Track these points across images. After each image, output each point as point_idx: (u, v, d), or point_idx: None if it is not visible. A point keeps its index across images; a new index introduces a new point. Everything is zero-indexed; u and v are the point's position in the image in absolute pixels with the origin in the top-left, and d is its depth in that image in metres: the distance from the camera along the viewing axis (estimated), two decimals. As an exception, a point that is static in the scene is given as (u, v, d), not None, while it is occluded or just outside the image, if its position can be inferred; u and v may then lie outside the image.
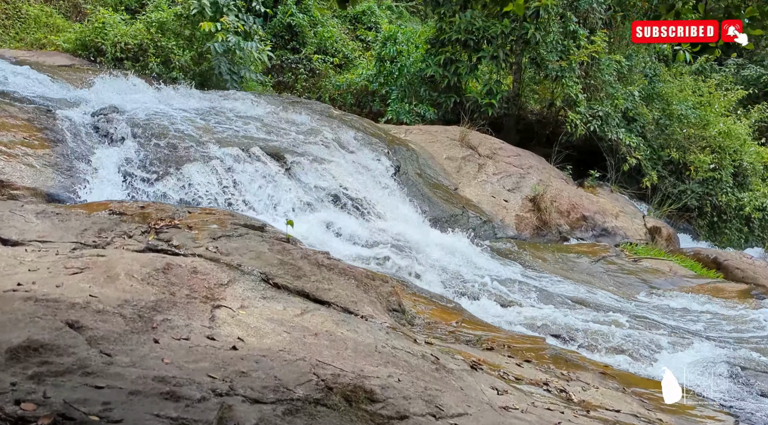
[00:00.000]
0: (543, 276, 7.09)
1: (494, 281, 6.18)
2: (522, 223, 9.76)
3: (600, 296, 6.70)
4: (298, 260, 4.09)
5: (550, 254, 8.31)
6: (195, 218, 4.59)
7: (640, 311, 6.19)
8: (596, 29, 13.98)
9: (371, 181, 7.87)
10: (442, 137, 10.93)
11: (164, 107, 7.90)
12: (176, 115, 7.57)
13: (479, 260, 6.96)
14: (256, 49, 12.10)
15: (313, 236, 6.18)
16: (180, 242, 3.93)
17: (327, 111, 9.83)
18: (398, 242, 6.68)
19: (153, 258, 3.32)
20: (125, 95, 7.89)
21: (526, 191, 10.44)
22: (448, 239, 7.47)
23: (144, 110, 7.19)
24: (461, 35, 14.00)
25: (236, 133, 7.49)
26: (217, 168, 6.48)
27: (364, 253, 6.06)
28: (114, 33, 11.17)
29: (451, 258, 6.84)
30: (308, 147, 7.72)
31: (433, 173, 9.67)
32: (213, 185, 6.31)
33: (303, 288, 3.79)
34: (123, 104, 7.29)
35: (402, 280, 5.38)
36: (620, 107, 13.57)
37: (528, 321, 5.15)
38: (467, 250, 7.13)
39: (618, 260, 8.70)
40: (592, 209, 10.93)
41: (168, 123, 7.06)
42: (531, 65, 14.06)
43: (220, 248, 3.94)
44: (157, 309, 2.90)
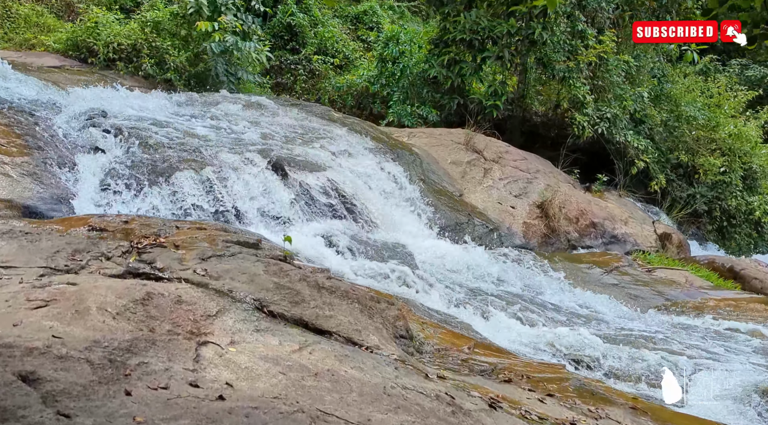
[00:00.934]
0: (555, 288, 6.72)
1: (504, 296, 5.80)
2: (530, 230, 9.38)
3: (616, 311, 6.32)
4: (296, 282, 3.71)
5: (560, 265, 7.92)
6: (183, 234, 4.20)
7: (662, 329, 5.82)
8: (604, 29, 13.60)
9: (373, 188, 7.49)
10: (446, 141, 10.56)
11: (155, 111, 7.52)
12: (168, 119, 7.19)
13: (487, 272, 6.57)
14: (254, 50, 11.71)
15: (312, 250, 5.80)
16: (165, 264, 3.55)
17: (327, 114, 9.45)
18: (402, 253, 6.30)
19: (131, 286, 2.94)
20: (114, 99, 7.51)
21: (533, 196, 10.06)
22: (455, 249, 7.09)
23: (133, 114, 6.81)
24: (466, 35, 13.61)
25: (231, 138, 7.11)
26: (210, 177, 6.10)
27: (366, 267, 5.67)
28: (107, 33, 10.78)
29: (458, 270, 6.46)
30: (307, 152, 7.34)
31: (438, 178, 9.29)
32: (205, 196, 5.92)
33: (301, 316, 3.41)
34: (111, 108, 6.91)
35: (408, 299, 5.00)
36: (628, 108, 13.19)
37: (545, 343, 4.78)
38: (475, 261, 6.75)
39: (631, 270, 8.33)
40: (601, 216, 10.55)
41: (158, 129, 6.68)
42: (537, 66, 13.68)
43: (210, 270, 3.56)
44: (132, 350, 2.52)
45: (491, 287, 6.13)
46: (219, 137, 7.02)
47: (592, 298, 6.52)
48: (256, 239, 4.59)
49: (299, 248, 5.69)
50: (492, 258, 7.03)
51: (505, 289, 6.12)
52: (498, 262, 6.96)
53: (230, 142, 6.96)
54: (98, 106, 6.91)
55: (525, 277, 6.73)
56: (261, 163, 6.61)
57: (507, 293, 5.98)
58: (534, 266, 7.43)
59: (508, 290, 6.10)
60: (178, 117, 7.44)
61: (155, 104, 7.83)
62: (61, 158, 5.70)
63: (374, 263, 5.90)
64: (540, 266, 7.41)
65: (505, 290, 6.03)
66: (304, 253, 5.69)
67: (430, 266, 6.28)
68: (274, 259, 4.20)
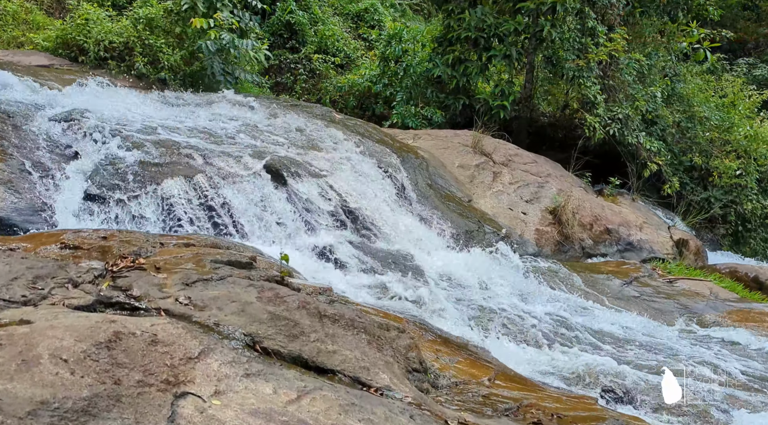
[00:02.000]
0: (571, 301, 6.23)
1: (522, 314, 5.33)
2: (542, 238, 8.90)
3: (642, 328, 5.84)
4: (294, 311, 3.23)
5: (577, 276, 7.44)
6: (166, 253, 3.72)
7: (694, 349, 5.34)
8: (614, 26, 13.11)
9: (378, 195, 7.01)
10: (453, 143, 10.07)
11: (146, 112, 7.04)
12: (158, 121, 6.71)
13: (502, 286, 6.09)
14: (252, 48, 11.23)
15: (313, 264, 5.33)
16: (142, 292, 3.07)
17: (328, 115, 8.97)
18: (410, 266, 5.82)
19: (96, 325, 2.45)
20: (101, 99, 7.03)
21: (545, 202, 9.58)
22: (466, 260, 6.61)
23: (121, 115, 6.33)
24: (471, 33, 13.13)
25: (226, 141, 6.63)
26: (202, 184, 5.62)
27: (371, 283, 5.19)
28: (97, 30, 10.29)
29: (470, 285, 5.98)
30: (307, 157, 6.86)
31: (445, 183, 8.81)
32: (196, 205, 5.44)
33: (300, 353, 2.94)
34: (97, 109, 6.44)
35: (418, 320, 4.52)
36: (641, 109, 12.70)
37: (571, 370, 4.31)
38: (488, 274, 6.27)
39: (651, 281, 7.84)
40: (615, 221, 10.06)
41: (148, 131, 6.20)
42: (546, 65, 13.19)
43: (194, 298, 3.08)
44: (89, 412, 2.04)
45: (507, 303, 5.65)
46: (213, 140, 6.55)
47: (618, 315, 6.03)
48: (249, 256, 4.11)
49: (298, 263, 5.22)
50: (507, 269, 6.55)
51: (522, 306, 5.64)
52: (513, 274, 6.48)
53: (225, 146, 6.48)
54: (83, 106, 6.44)
55: (543, 291, 6.25)
56: (258, 169, 6.13)
57: (525, 310, 5.50)
58: (552, 278, 6.95)
59: (525, 307, 5.62)
60: (169, 119, 6.96)
61: (146, 105, 7.35)
62: (40, 164, 5.23)
63: (380, 277, 5.41)
64: (558, 278, 6.92)
65: (522, 308, 5.55)
66: (303, 267, 5.22)
67: (440, 280, 5.80)
68: (269, 281, 3.72)
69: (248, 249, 4.79)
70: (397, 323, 4.07)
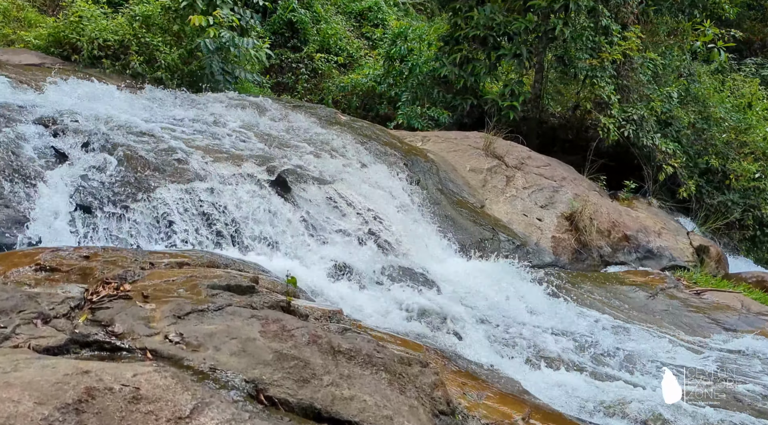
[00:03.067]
0: (601, 320, 5.77)
1: (550, 334, 4.88)
2: (559, 246, 8.44)
3: (678, 348, 5.38)
4: (304, 347, 2.77)
5: (599, 288, 6.98)
6: (157, 276, 3.26)
7: (742, 374, 4.88)
8: (628, 24, 12.66)
9: (387, 202, 6.55)
10: (463, 146, 9.62)
11: (140, 113, 6.59)
12: (153, 124, 6.26)
13: (522, 303, 5.63)
14: (252, 47, 10.78)
15: (320, 282, 4.87)
16: (125, 328, 2.61)
17: (333, 117, 8.51)
18: (425, 282, 5.36)
19: (64, 380, 2.00)
20: (90, 100, 6.58)
21: (561, 207, 9.12)
22: (483, 272, 6.15)
23: (111, 117, 5.88)
24: (479, 31, 12.68)
25: (226, 146, 6.17)
26: (199, 193, 5.16)
27: (385, 303, 4.74)
28: (92, 28, 9.85)
29: (492, 304, 5.52)
30: (312, 161, 6.41)
31: (456, 188, 8.35)
32: (193, 215, 4.99)
33: (312, 402, 2.48)
34: (85, 111, 5.98)
35: (440, 348, 4.06)
36: (657, 109, 12.24)
37: (612, 404, 3.85)
38: (507, 288, 5.81)
39: (678, 293, 7.38)
40: (634, 227, 9.61)
41: (141, 134, 5.74)
42: (558, 64, 12.73)
43: (187, 334, 2.62)
44: None
45: (530, 322, 5.19)
46: (211, 144, 6.09)
47: (649, 336, 5.57)
48: (250, 277, 3.65)
49: (305, 281, 4.76)
50: (527, 284, 6.09)
51: (549, 325, 5.19)
52: (533, 289, 6.01)
53: (225, 150, 6.03)
54: (70, 108, 5.98)
55: (570, 309, 5.78)
56: (260, 175, 5.67)
57: (553, 331, 5.05)
58: (575, 292, 6.49)
59: (553, 326, 5.16)
60: (164, 121, 6.51)
61: (140, 106, 6.89)
62: (20, 172, 4.77)
63: (393, 294, 4.96)
64: (582, 292, 6.47)
65: (549, 327, 5.09)
66: (311, 285, 4.76)
67: (457, 297, 5.34)
68: (273, 308, 3.27)
69: (249, 266, 4.33)
70: (418, 352, 3.61)
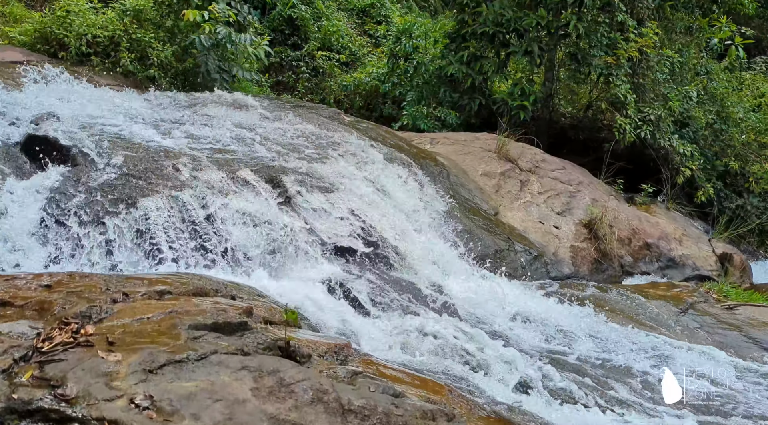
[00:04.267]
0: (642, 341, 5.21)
1: (586, 365, 4.32)
2: (578, 256, 7.89)
3: (728, 372, 4.82)
4: (307, 408, 2.22)
5: (625, 302, 6.43)
6: (128, 313, 2.71)
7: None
8: (644, 20, 12.09)
9: (397, 211, 5.99)
10: (474, 148, 9.06)
11: (126, 114, 6.04)
12: (140, 126, 5.70)
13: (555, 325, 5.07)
14: (251, 44, 10.23)
15: (324, 302, 4.32)
16: (80, 389, 2.06)
17: (336, 117, 7.96)
18: (440, 303, 4.81)
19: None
20: (71, 100, 6.02)
21: (578, 213, 8.57)
22: (503, 290, 5.59)
23: (94, 119, 5.33)
24: (488, 28, 12.11)
25: (220, 149, 5.62)
26: (189, 203, 4.60)
27: (397, 330, 4.18)
28: (79, 23, 9.31)
29: (512, 322, 4.97)
30: (314, 166, 5.85)
31: (468, 194, 7.79)
32: (180, 229, 4.43)
33: (318, 490, 1.92)
34: (67, 111, 5.43)
35: (463, 386, 3.51)
36: (675, 110, 11.67)
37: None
38: (534, 308, 5.26)
39: (709, 307, 6.83)
40: (654, 235, 9.05)
41: (125, 137, 5.19)
42: (570, 62, 12.16)
43: (159, 397, 2.07)
44: None
45: (562, 348, 4.63)
46: (204, 148, 5.53)
47: (701, 357, 5.01)
48: (243, 309, 3.09)
49: (305, 304, 4.21)
50: (551, 303, 5.53)
51: (583, 350, 4.63)
52: (557, 307, 5.45)
53: (219, 155, 5.47)
54: (51, 109, 5.44)
55: (602, 330, 5.22)
56: (257, 183, 5.12)
57: (589, 359, 4.49)
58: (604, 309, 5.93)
59: (588, 352, 4.61)
60: (153, 122, 5.95)
61: (126, 106, 6.34)
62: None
63: (406, 319, 4.40)
64: (609, 308, 5.90)
65: (585, 356, 4.53)
66: (312, 309, 4.21)
67: (475, 320, 4.79)
68: (269, 350, 2.72)
69: (243, 290, 3.77)
70: (440, 397, 3.06)
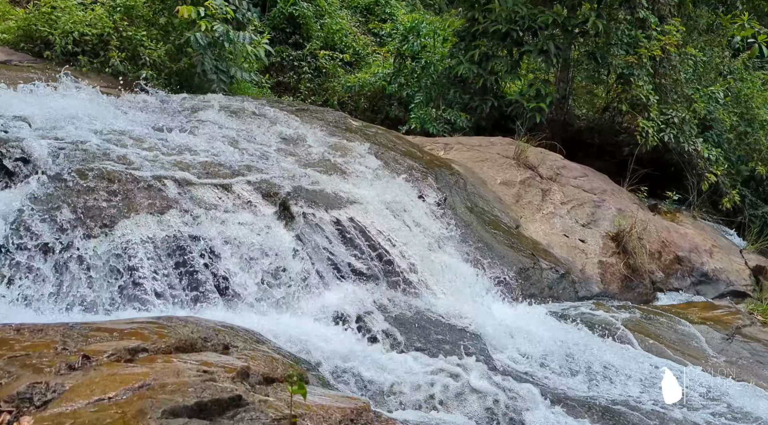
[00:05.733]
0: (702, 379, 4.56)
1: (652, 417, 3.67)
2: (607, 272, 7.23)
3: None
4: None
5: (668, 331, 5.77)
6: (85, 391, 2.05)
7: None
8: (666, 17, 11.44)
9: (412, 228, 5.34)
10: (490, 154, 8.41)
11: (109, 120, 5.38)
12: (124, 134, 5.05)
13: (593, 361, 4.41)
14: (250, 42, 9.58)
15: (334, 338, 3.67)
16: None
17: (343, 121, 7.30)
18: (467, 340, 4.15)
19: None
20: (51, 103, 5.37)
21: (604, 225, 7.91)
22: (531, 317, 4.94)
23: (69, 126, 4.68)
24: (501, 26, 11.46)
25: (214, 160, 4.96)
26: (176, 224, 3.95)
27: (420, 377, 3.52)
28: (65, 20, 8.65)
29: (549, 353, 4.32)
30: (320, 178, 5.20)
31: (487, 205, 7.14)
32: (164, 256, 3.78)
33: None
34: (42, 116, 4.78)
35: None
36: (700, 112, 11.02)
37: None
38: (569, 339, 4.60)
39: (757, 332, 6.17)
40: (685, 247, 8.39)
41: (103, 148, 4.54)
42: (588, 61, 11.50)
43: None
44: None
45: (615, 396, 3.98)
46: (196, 160, 4.87)
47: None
48: (238, 370, 2.45)
49: (314, 345, 3.56)
50: (593, 337, 4.85)
51: (636, 393, 3.98)
52: (610, 345, 4.78)
53: (211, 167, 4.81)
54: (23, 112, 4.79)
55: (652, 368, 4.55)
56: (254, 199, 4.47)
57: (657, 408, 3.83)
58: (648, 337, 5.27)
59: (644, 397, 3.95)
60: (140, 130, 5.30)
61: (109, 111, 5.69)
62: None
63: (430, 362, 3.74)
64: (652, 337, 5.24)
65: (637, 403, 3.88)
66: (323, 351, 3.56)
67: (508, 360, 4.13)
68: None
69: (238, 336, 3.12)
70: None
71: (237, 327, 3.28)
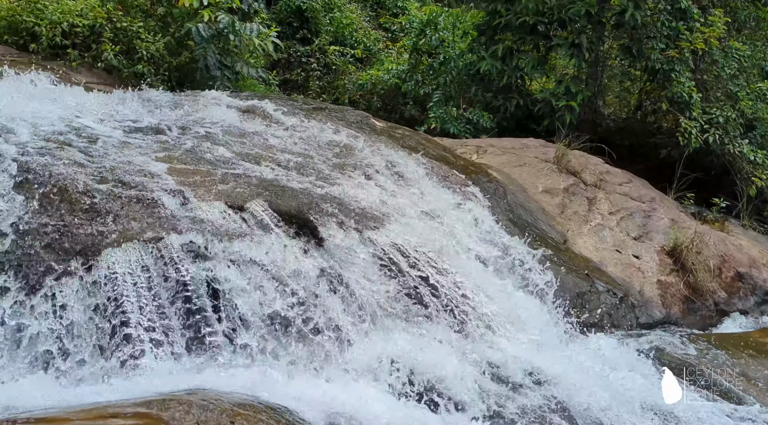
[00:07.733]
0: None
1: None
2: (667, 294, 6.35)
3: None
4: None
5: (752, 369, 4.90)
6: None
7: None
8: (708, 8, 10.55)
9: (463, 250, 4.45)
10: (528, 158, 7.53)
11: (100, 122, 4.51)
12: (115, 138, 4.18)
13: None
14: (257, 34, 8.72)
15: (384, 413, 2.78)
16: None
17: (366, 122, 6.41)
18: (551, 399, 3.27)
19: None
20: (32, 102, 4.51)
21: (657, 238, 7.03)
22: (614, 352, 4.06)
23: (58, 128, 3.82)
24: (528, 18, 10.59)
25: (219, 171, 4.08)
26: (174, 255, 3.07)
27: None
28: (53, 9, 7.79)
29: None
30: (349, 192, 4.32)
31: (531, 217, 6.25)
32: (160, 295, 2.91)
33: None
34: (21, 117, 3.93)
35: None
36: (747, 111, 10.13)
37: None
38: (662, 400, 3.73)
39: None
40: (744, 262, 7.51)
41: (94, 154, 3.67)
42: (624, 56, 10.61)
43: None
44: None
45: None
46: (199, 169, 4.00)
47: None
48: None
49: (351, 414, 2.68)
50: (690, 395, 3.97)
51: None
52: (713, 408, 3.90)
53: (218, 177, 3.93)
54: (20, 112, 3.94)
55: None
56: (270, 219, 3.59)
57: None
58: (728, 376, 4.39)
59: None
60: (134, 133, 4.42)
61: (102, 111, 4.81)
62: None
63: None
64: (744, 383, 4.37)
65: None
66: (365, 411, 2.68)
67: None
68: None
69: (261, 420, 2.24)
70: None
71: (259, 404, 2.40)
